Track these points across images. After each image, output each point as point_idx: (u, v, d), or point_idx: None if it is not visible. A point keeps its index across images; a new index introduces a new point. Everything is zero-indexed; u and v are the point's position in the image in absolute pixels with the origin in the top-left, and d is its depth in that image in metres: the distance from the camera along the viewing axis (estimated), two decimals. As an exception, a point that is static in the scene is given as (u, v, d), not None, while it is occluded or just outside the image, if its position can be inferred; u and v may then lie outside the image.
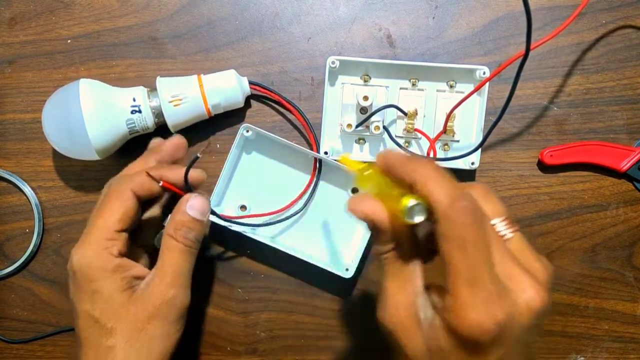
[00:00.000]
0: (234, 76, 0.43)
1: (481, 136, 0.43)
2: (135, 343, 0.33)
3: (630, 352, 0.47)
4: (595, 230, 0.46)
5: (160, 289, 0.34)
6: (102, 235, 0.34)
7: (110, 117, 0.41)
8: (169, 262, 0.35)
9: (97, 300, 0.33)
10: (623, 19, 0.46)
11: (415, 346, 0.28)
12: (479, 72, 0.42)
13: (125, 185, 0.35)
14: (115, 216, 0.34)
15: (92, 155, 0.41)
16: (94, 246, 0.33)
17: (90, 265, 0.33)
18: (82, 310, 0.33)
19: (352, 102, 0.43)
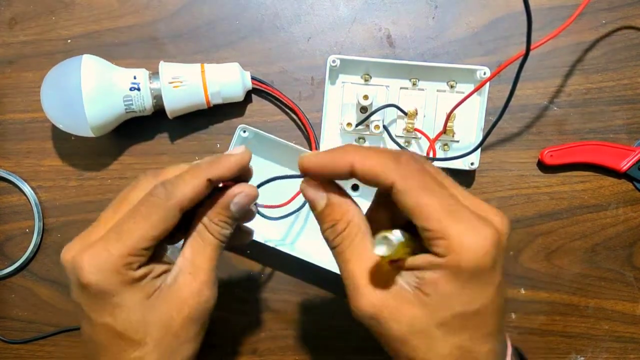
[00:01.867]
0: (237, 69, 0.43)
1: (481, 136, 0.43)
2: (167, 350, 0.29)
3: (630, 352, 0.47)
4: (595, 230, 0.46)
5: (193, 288, 0.30)
6: (129, 250, 0.28)
7: (109, 93, 0.41)
8: (202, 256, 0.30)
9: (119, 314, 0.29)
10: (623, 19, 0.46)
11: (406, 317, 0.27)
12: (480, 72, 0.42)
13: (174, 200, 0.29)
14: (152, 232, 0.29)
15: (86, 131, 0.41)
16: (116, 260, 0.28)
17: (107, 280, 0.28)
18: (101, 324, 0.29)
19: (352, 101, 0.43)
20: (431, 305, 0.27)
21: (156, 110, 0.43)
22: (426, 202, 0.26)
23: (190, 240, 0.31)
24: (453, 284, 0.26)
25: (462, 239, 0.26)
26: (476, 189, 0.46)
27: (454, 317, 0.26)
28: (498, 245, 0.26)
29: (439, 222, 0.26)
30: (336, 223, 0.29)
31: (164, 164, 0.46)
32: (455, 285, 0.26)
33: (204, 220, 0.31)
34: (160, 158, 0.46)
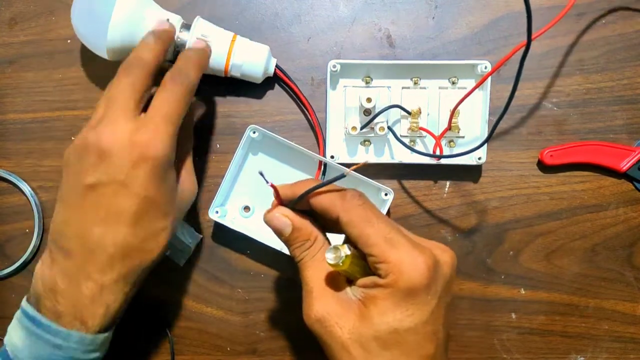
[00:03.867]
0: (265, 51, 0.43)
1: (486, 130, 0.43)
2: (175, 225, 0.37)
3: (630, 352, 0.47)
4: (595, 230, 0.46)
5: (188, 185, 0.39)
6: (177, 129, 0.35)
7: (136, 25, 0.41)
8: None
9: (164, 188, 0.35)
10: (623, 19, 0.46)
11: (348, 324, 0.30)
12: (480, 66, 0.43)
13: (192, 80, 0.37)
14: (184, 110, 0.36)
15: (102, 51, 0.41)
16: (173, 141, 0.35)
17: (168, 156, 0.34)
18: (146, 195, 0.34)
19: (355, 104, 0.43)
20: (369, 318, 0.30)
21: (174, 59, 0.43)
22: (367, 232, 0.30)
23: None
24: (389, 300, 0.30)
25: (399, 262, 0.29)
26: (476, 189, 0.46)
27: (389, 332, 0.30)
28: (434, 271, 0.30)
29: (379, 248, 0.30)
30: (304, 243, 0.33)
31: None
32: (391, 302, 0.30)
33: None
34: (160, 158, 0.46)
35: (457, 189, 0.46)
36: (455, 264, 0.32)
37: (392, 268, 0.29)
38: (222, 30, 0.43)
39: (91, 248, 0.33)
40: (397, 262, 0.29)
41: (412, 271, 0.29)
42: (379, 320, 0.30)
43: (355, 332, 0.30)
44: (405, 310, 0.30)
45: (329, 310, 0.31)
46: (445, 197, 0.46)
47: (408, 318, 0.30)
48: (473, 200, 0.46)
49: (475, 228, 0.46)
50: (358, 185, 0.45)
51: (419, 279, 0.29)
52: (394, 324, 0.30)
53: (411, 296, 0.29)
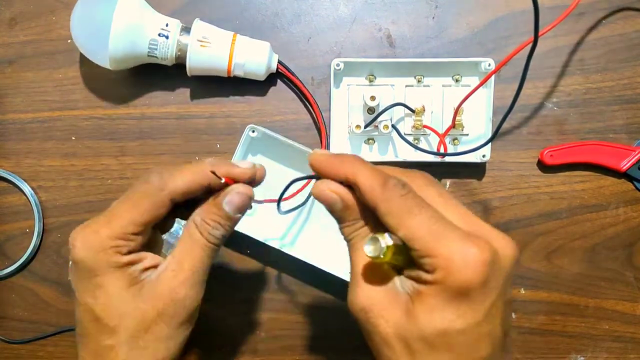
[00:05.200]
0: (266, 48, 0.43)
1: (490, 128, 0.43)
2: (139, 343, 0.30)
3: (630, 352, 0.47)
4: (595, 230, 0.46)
5: (171, 285, 0.30)
6: (116, 234, 0.29)
7: (137, 32, 0.41)
8: (189, 256, 0.31)
9: (100, 296, 0.29)
10: (623, 19, 0.46)
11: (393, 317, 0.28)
12: (484, 64, 0.43)
13: (166, 190, 0.30)
14: (140, 218, 0.30)
15: (104, 61, 0.42)
16: (104, 242, 0.29)
17: (94, 259, 0.29)
18: (83, 302, 0.30)
19: (358, 103, 0.43)
20: (415, 317, 0.27)
21: (177, 63, 0.43)
22: (408, 224, 0.27)
23: (181, 239, 0.31)
24: (437, 299, 0.26)
25: (449, 256, 0.26)
26: (476, 189, 0.46)
27: (437, 333, 0.26)
28: (491, 266, 0.26)
29: (424, 241, 0.26)
30: (355, 222, 0.29)
31: (164, 164, 0.46)
32: (440, 300, 0.26)
33: (195, 219, 0.31)
34: (160, 158, 0.46)
35: (457, 188, 0.46)
36: (516, 255, 0.28)
37: (440, 263, 0.26)
38: (222, 30, 0.43)
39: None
40: (446, 257, 0.26)
41: (464, 267, 0.26)
42: (425, 320, 0.27)
43: (400, 328, 0.27)
44: (457, 310, 0.26)
45: (375, 301, 0.28)
46: (446, 197, 0.46)
47: (459, 319, 0.26)
48: (473, 199, 0.46)
49: (475, 228, 0.46)
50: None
51: (472, 277, 0.26)
52: (443, 324, 0.26)
53: (463, 295, 0.26)
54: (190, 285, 0.31)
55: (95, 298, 0.30)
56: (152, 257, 0.31)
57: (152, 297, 0.30)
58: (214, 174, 0.30)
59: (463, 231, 0.27)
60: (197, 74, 0.44)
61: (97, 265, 0.29)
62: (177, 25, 0.42)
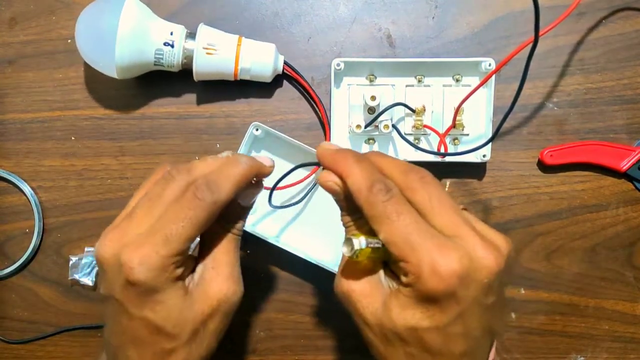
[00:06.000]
0: (272, 50, 0.43)
1: (490, 128, 0.43)
2: (196, 340, 0.31)
3: (630, 352, 0.47)
4: (595, 230, 0.46)
5: (218, 283, 0.32)
6: (177, 251, 0.29)
7: (142, 42, 0.41)
8: (221, 251, 0.32)
9: (161, 310, 0.30)
10: (623, 19, 0.46)
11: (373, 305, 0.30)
12: (485, 64, 0.43)
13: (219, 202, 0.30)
14: (197, 233, 0.30)
15: (110, 70, 0.42)
16: (165, 261, 0.29)
17: (156, 278, 0.29)
18: (142, 317, 0.30)
19: (359, 102, 0.43)
20: (390, 309, 0.29)
21: (183, 69, 0.43)
22: (386, 229, 0.29)
23: (207, 237, 0.33)
24: (409, 298, 0.28)
25: (420, 264, 0.27)
26: (476, 189, 0.46)
27: (406, 328, 0.29)
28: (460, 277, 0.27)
29: (397, 247, 0.28)
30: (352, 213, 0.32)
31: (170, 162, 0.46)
32: (411, 300, 0.28)
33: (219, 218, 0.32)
34: (160, 158, 0.46)
35: (457, 188, 0.46)
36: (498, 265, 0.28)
37: (411, 269, 0.28)
38: (227, 34, 0.43)
39: (111, 355, 0.33)
40: (416, 264, 0.28)
41: (432, 276, 0.27)
42: (397, 315, 0.29)
43: (376, 317, 0.30)
44: (426, 311, 0.28)
45: (355, 289, 0.31)
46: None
47: (428, 319, 0.28)
48: (473, 199, 0.46)
49: (475, 228, 0.46)
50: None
51: (438, 286, 0.27)
52: (412, 322, 0.28)
53: (431, 300, 0.28)
54: (233, 279, 0.32)
55: (155, 312, 0.30)
56: (191, 261, 0.32)
57: (205, 299, 0.31)
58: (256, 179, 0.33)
59: (439, 240, 0.28)
60: (203, 79, 0.44)
61: (158, 284, 0.30)
62: (182, 32, 0.42)
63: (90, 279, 0.46)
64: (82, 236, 0.47)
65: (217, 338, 0.32)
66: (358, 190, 0.30)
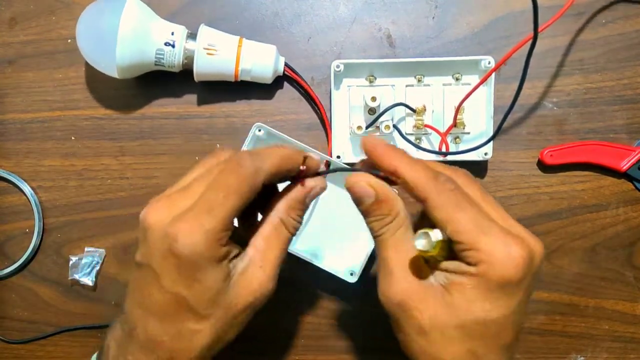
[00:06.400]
0: (273, 51, 0.43)
1: (491, 125, 0.43)
2: (222, 328, 0.31)
3: (630, 352, 0.47)
4: (595, 230, 0.46)
5: (261, 280, 0.31)
6: (221, 225, 0.29)
7: (143, 40, 0.41)
8: (274, 251, 0.31)
9: (197, 288, 0.29)
10: (623, 19, 0.46)
11: (428, 309, 0.29)
12: (484, 62, 0.43)
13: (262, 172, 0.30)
14: (241, 204, 0.29)
15: (111, 69, 0.42)
16: (209, 236, 0.28)
17: (200, 254, 0.28)
18: (175, 292, 0.29)
19: (359, 103, 0.43)
20: (454, 306, 0.29)
21: (184, 69, 0.43)
22: (457, 217, 0.28)
23: (264, 233, 0.32)
24: (478, 290, 0.28)
25: (493, 251, 0.28)
26: (476, 189, 0.46)
27: (474, 322, 0.28)
28: (529, 263, 0.28)
29: (470, 235, 0.28)
30: (384, 217, 0.31)
31: (164, 164, 0.46)
32: (480, 292, 0.28)
33: (282, 215, 0.32)
34: (160, 158, 0.46)
35: (457, 189, 0.46)
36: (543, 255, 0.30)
37: (483, 257, 0.28)
38: (228, 35, 0.43)
39: (131, 327, 0.32)
40: (489, 251, 0.28)
41: (507, 262, 0.27)
42: (465, 310, 0.28)
43: (436, 319, 0.29)
44: (495, 301, 0.28)
45: (410, 294, 0.30)
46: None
47: (497, 309, 0.28)
48: (473, 200, 0.46)
49: (475, 228, 0.46)
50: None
51: (513, 271, 0.27)
52: (481, 314, 0.28)
53: (501, 288, 0.28)
54: (275, 279, 0.32)
55: (190, 289, 0.29)
56: (236, 248, 0.31)
57: (245, 292, 0.31)
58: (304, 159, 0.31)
59: (504, 228, 0.29)
60: (204, 80, 0.44)
61: (200, 260, 0.29)
62: (183, 32, 0.42)
63: (90, 279, 0.46)
64: (82, 236, 0.47)
65: (239, 330, 0.32)
66: (423, 181, 0.29)
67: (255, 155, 0.30)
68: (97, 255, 0.46)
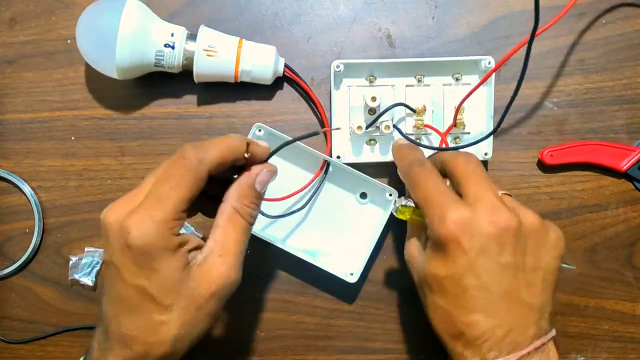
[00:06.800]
0: (273, 52, 0.43)
1: (491, 125, 0.43)
2: (190, 319, 0.32)
3: (630, 352, 0.47)
4: (595, 230, 0.46)
5: (221, 270, 0.32)
6: (170, 215, 0.30)
7: (143, 41, 0.41)
8: (233, 241, 0.32)
9: (155, 278, 0.31)
10: (623, 19, 0.46)
11: (417, 266, 0.37)
12: (484, 62, 0.43)
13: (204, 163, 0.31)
14: (187, 194, 0.31)
15: (111, 70, 0.42)
16: (160, 225, 0.30)
17: (153, 244, 0.30)
18: (136, 285, 0.31)
19: (359, 103, 0.43)
20: (423, 262, 0.35)
21: (184, 70, 0.43)
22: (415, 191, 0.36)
23: (220, 223, 0.33)
24: (432, 249, 0.34)
25: (433, 215, 0.34)
26: (476, 189, 0.46)
27: (432, 276, 0.34)
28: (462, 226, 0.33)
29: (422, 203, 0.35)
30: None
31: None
32: (433, 251, 0.34)
33: (234, 204, 0.33)
34: (160, 158, 0.46)
35: (457, 189, 0.46)
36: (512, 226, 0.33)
37: (428, 220, 0.34)
38: (228, 36, 0.43)
39: (105, 325, 0.33)
40: (431, 215, 0.34)
41: (439, 224, 0.33)
42: (426, 265, 0.35)
43: (418, 274, 0.36)
44: (440, 259, 0.33)
45: (409, 255, 0.38)
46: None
47: (443, 267, 0.33)
48: (473, 200, 0.46)
49: (475, 228, 0.46)
50: (363, 185, 0.45)
51: (444, 232, 0.33)
52: (433, 269, 0.34)
53: (442, 247, 0.33)
54: (237, 268, 0.33)
55: (150, 280, 0.31)
56: (194, 239, 0.32)
57: (205, 280, 0.32)
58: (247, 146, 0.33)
59: (453, 198, 0.34)
60: (203, 81, 0.44)
61: (154, 250, 0.30)
62: (183, 33, 0.42)
63: (90, 279, 0.46)
64: (82, 236, 0.47)
65: (210, 321, 0.33)
66: (400, 167, 0.38)
67: (198, 147, 0.32)
68: (97, 255, 0.46)
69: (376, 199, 0.45)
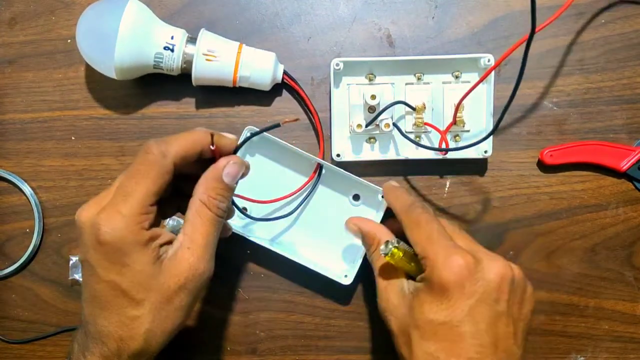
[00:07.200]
0: (272, 59, 0.43)
1: (491, 123, 0.43)
2: (161, 313, 0.32)
3: (630, 352, 0.47)
4: (595, 230, 0.46)
5: (190, 262, 0.32)
6: (137, 209, 0.31)
7: (142, 42, 0.41)
8: (200, 233, 0.33)
9: (127, 273, 0.31)
10: (623, 19, 0.46)
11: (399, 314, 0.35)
12: (484, 60, 0.43)
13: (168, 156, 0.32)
14: (153, 188, 0.32)
15: (110, 70, 0.42)
16: (128, 220, 0.31)
17: (122, 239, 0.31)
18: (109, 280, 0.31)
19: (359, 102, 0.43)
20: (412, 308, 0.34)
21: (182, 73, 0.43)
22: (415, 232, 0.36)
23: (188, 217, 0.33)
24: (428, 293, 0.33)
25: (435, 257, 0.33)
26: (477, 189, 0.46)
27: (426, 322, 0.33)
28: (469, 271, 0.33)
29: (421, 245, 0.35)
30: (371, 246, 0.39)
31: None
32: (428, 294, 0.33)
33: (201, 197, 0.33)
34: (160, 158, 0.46)
35: (457, 188, 0.46)
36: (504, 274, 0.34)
37: (429, 262, 0.33)
38: (228, 41, 0.43)
39: (84, 324, 0.34)
40: (433, 257, 0.33)
41: (444, 266, 0.33)
42: (418, 311, 0.33)
43: (401, 322, 0.35)
44: (440, 303, 0.33)
45: (387, 304, 0.37)
46: (446, 196, 0.46)
47: (442, 312, 0.32)
48: (473, 200, 0.46)
49: (475, 228, 0.46)
50: (355, 187, 0.45)
51: (449, 275, 0.32)
52: (429, 315, 0.33)
53: (444, 291, 0.33)
54: (206, 260, 0.33)
55: (121, 275, 0.31)
56: (166, 234, 0.33)
57: (174, 274, 0.32)
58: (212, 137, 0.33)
59: (455, 244, 0.34)
60: (202, 84, 0.44)
61: (124, 245, 0.31)
62: (183, 36, 0.42)
63: (90, 279, 0.46)
64: (82, 236, 0.47)
65: (183, 314, 0.33)
66: (400, 207, 0.38)
67: (161, 142, 0.33)
68: (97, 255, 0.46)
69: (369, 200, 0.45)
